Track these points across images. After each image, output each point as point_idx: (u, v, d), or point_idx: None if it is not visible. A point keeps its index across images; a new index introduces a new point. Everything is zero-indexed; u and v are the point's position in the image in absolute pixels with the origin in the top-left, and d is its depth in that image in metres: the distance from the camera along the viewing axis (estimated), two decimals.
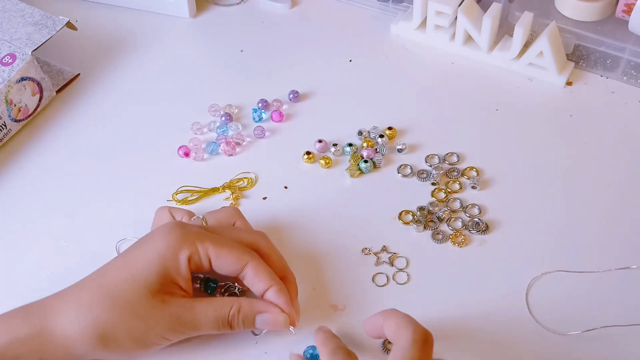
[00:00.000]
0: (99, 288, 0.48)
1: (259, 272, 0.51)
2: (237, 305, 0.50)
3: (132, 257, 0.49)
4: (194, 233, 0.50)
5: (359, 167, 0.64)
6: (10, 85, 0.65)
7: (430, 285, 0.57)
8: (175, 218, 0.56)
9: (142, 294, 0.48)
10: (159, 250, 0.49)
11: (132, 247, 0.51)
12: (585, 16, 0.71)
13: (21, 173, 0.66)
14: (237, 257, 0.51)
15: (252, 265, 0.51)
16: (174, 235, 0.49)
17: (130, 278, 0.48)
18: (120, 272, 0.49)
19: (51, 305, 0.48)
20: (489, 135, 0.68)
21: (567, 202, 0.62)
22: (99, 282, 0.49)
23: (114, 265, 0.50)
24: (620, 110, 0.70)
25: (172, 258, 0.49)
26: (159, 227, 0.51)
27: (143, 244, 0.50)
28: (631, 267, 0.57)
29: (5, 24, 0.69)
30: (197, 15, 0.81)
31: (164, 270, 0.49)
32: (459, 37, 0.74)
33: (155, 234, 0.51)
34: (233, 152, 0.67)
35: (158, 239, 0.50)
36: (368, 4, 0.81)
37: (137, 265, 0.49)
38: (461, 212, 0.62)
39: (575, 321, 0.54)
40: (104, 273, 0.49)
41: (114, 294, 0.48)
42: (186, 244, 0.49)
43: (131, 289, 0.48)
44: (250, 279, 0.51)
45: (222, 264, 0.51)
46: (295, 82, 0.73)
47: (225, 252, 0.50)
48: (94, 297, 0.48)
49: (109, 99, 0.72)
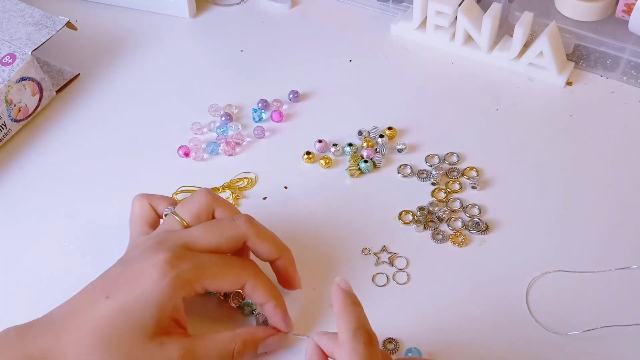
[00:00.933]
0: (95, 335, 0.47)
1: (257, 290, 0.51)
2: (240, 341, 0.50)
3: (125, 303, 0.47)
4: (187, 272, 0.48)
5: (359, 167, 0.64)
6: (10, 85, 0.65)
7: (430, 285, 0.57)
8: (156, 209, 0.54)
9: (140, 341, 0.47)
10: (154, 298, 0.47)
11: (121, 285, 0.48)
12: (585, 16, 0.71)
13: (21, 173, 0.66)
14: (233, 280, 0.50)
15: (250, 284, 0.51)
16: (167, 280, 0.47)
17: (126, 324, 0.47)
18: (116, 319, 0.47)
19: (48, 349, 0.47)
20: (489, 135, 0.68)
21: (567, 202, 0.62)
22: (93, 327, 0.47)
23: (107, 310, 0.47)
24: (620, 110, 0.70)
25: (167, 303, 0.47)
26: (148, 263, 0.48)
27: (134, 284, 0.48)
28: (631, 267, 0.57)
29: (5, 24, 0.69)
30: (197, 15, 0.81)
31: (160, 314, 0.47)
32: (459, 37, 0.74)
33: (145, 274, 0.48)
34: (233, 152, 0.67)
35: (149, 285, 0.47)
36: (368, 4, 0.81)
37: (131, 311, 0.47)
38: (461, 212, 0.62)
39: (575, 321, 0.54)
40: (97, 317, 0.47)
41: (112, 341, 0.46)
42: (180, 288, 0.48)
43: (128, 336, 0.47)
44: (248, 294, 0.52)
45: (219, 289, 0.51)
46: (295, 82, 0.73)
47: (221, 280, 0.50)
48: (93, 344, 0.46)
49: (109, 99, 0.72)
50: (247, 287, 0.51)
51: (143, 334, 0.47)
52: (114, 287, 0.48)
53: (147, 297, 0.47)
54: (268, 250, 0.53)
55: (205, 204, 0.53)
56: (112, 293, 0.48)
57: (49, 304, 0.56)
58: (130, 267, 0.49)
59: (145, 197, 0.55)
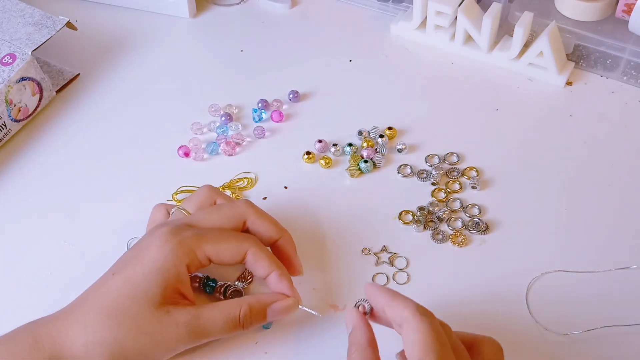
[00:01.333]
0: (102, 309, 0.47)
1: (259, 259, 0.51)
2: (246, 305, 0.50)
3: (131, 274, 0.48)
4: (189, 238, 0.50)
5: (359, 167, 0.65)
6: (10, 85, 0.65)
7: (430, 285, 0.57)
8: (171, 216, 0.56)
9: (146, 310, 0.47)
10: (157, 264, 0.48)
11: (128, 260, 0.50)
12: (585, 16, 0.71)
13: (21, 173, 0.66)
14: (235, 248, 0.51)
15: (252, 252, 0.51)
16: (169, 246, 0.49)
17: (132, 295, 0.48)
18: (122, 291, 0.48)
19: (57, 331, 0.47)
20: (489, 135, 0.68)
21: (567, 202, 0.62)
22: (101, 303, 0.48)
23: (113, 283, 0.49)
24: (620, 110, 0.70)
25: (171, 269, 0.48)
26: (152, 237, 0.50)
27: (139, 257, 0.49)
28: (631, 267, 0.57)
29: (5, 24, 0.69)
30: (197, 15, 0.81)
31: (165, 283, 0.48)
32: (459, 37, 0.74)
33: (150, 245, 0.50)
34: (233, 152, 0.67)
35: (154, 252, 0.49)
36: (368, 4, 0.81)
37: (136, 281, 0.48)
38: (461, 212, 0.62)
39: (575, 321, 0.54)
40: (105, 293, 0.48)
41: (118, 313, 0.47)
42: (183, 253, 0.49)
43: (134, 306, 0.47)
44: (251, 265, 0.52)
45: (222, 259, 0.51)
46: (295, 82, 0.73)
47: (223, 247, 0.50)
48: (99, 319, 0.47)
49: (109, 99, 0.72)
50: (249, 256, 0.51)
51: (149, 302, 0.48)
52: (121, 264, 0.50)
53: (151, 264, 0.48)
54: (268, 229, 0.53)
55: (207, 196, 0.55)
56: (119, 269, 0.49)
57: (49, 304, 0.56)
58: (136, 245, 0.51)
59: (163, 205, 0.57)
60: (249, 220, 0.53)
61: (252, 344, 0.53)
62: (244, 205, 0.53)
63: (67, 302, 0.56)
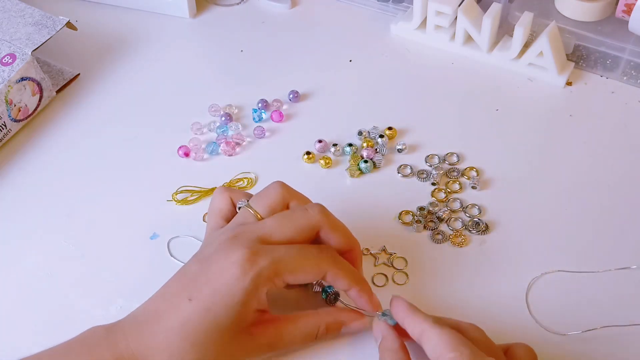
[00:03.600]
0: (186, 336, 0.47)
1: (338, 278, 0.51)
2: (324, 325, 0.51)
3: (211, 305, 0.47)
4: (266, 269, 0.48)
5: (359, 167, 0.64)
6: (10, 85, 0.65)
7: (429, 285, 0.57)
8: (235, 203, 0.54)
9: (231, 337, 0.48)
10: (237, 297, 0.47)
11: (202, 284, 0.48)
12: (585, 16, 0.71)
13: (21, 173, 0.66)
14: (313, 273, 0.50)
15: (331, 274, 0.51)
16: (248, 279, 0.47)
17: (216, 324, 0.47)
18: (203, 320, 0.47)
19: (137, 345, 0.47)
20: (489, 135, 0.68)
21: (567, 202, 0.62)
22: (181, 326, 0.47)
23: (193, 312, 0.47)
24: (620, 110, 0.70)
25: (252, 301, 0.48)
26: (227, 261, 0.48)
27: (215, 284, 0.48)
28: (631, 267, 0.57)
29: (5, 24, 0.69)
30: (197, 15, 0.81)
31: (246, 310, 0.48)
32: (459, 37, 0.74)
33: (225, 271, 0.48)
34: (233, 152, 0.67)
35: (232, 284, 0.47)
36: (368, 4, 0.81)
37: (219, 313, 0.47)
38: (461, 212, 0.62)
39: (575, 321, 0.54)
40: (185, 320, 0.47)
41: (203, 341, 0.47)
42: (262, 284, 0.48)
43: (219, 335, 0.47)
44: (330, 282, 0.52)
45: (300, 282, 0.51)
46: (295, 82, 0.73)
47: (301, 274, 0.50)
48: (184, 346, 0.47)
49: (109, 99, 0.72)
50: (328, 277, 0.51)
51: (231, 330, 0.48)
52: (195, 288, 0.48)
53: (231, 297, 0.47)
54: (340, 241, 0.53)
55: (279, 196, 0.53)
56: (194, 295, 0.48)
57: (48, 304, 0.56)
58: (209, 267, 0.49)
59: (226, 190, 0.55)
60: (322, 231, 0.52)
61: None
62: (319, 214, 0.52)
63: (67, 302, 0.56)
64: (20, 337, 0.52)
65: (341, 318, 0.52)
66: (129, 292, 0.51)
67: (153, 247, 0.59)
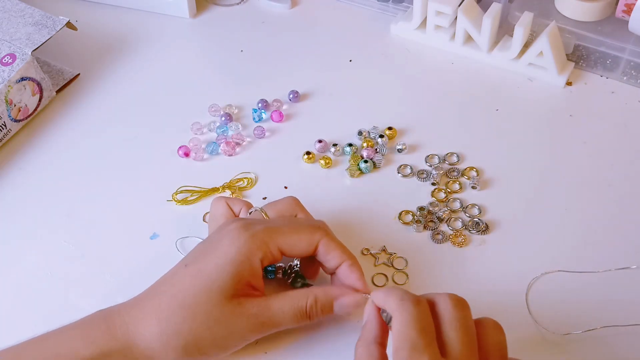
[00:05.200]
0: (175, 299, 0.48)
1: (331, 249, 0.51)
2: (313, 296, 0.50)
3: (204, 267, 0.49)
4: (261, 232, 0.50)
5: (359, 167, 0.64)
6: (10, 85, 0.65)
7: (429, 285, 0.57)
8: (233, 210, 0.56)
9: (220, 301, 0.48)
10: (231, 257, 0.49)
11: (199, 254, 0.50)
12: (585, 16, 0.71)
13: (21, 173, 0.66)
14: (307, 239, 0.51)
15: (323, 243, 0.51)
16: (242, 239, 0.49)
17: (206, 287, 0.48)
18: (195, 282, 0.48)
19: (131, 319, 0.48)
20: (489, 135, 0.68)
21: (567, 202, 0.62)
22: (173, 292, 0.48)
23: (186, 275, 0.49)
24: (620, 110, 0.70)
25: (244, 262, 0.49)
26: (224, 232, 0.50)
27: (211, 249, 0.50)
28: (631, 267, 0.57)
29: (5, 24, 0.69)
30: (197, 15, 0.81)
31: (238, 276, 0.49)
32: (459, 37, 0.74)
33: (222, 238, 0.50)
34: (233, 152, 0.67)
35: (227, 245, 0.49)
36: (368, 4, 0.81)
37: (210, 273, 0.48)
38: (461, 212, 0.62)
39: (575, 321, 0.54)
40: (177, 284, 0.49)
41: (192, 303, 0.48)
42: (257, 247, 0.49)
43: (208, 297, 0.48)
44: (322, 256, 0.52)
45: (293, 251, 0.51)
46: (295, 82, 0.73)
47: (295, 239, 0.51)
48: (173, 308, 0.48)
49: (109, 99, 0.72)
50: (320, 247, 0.51)
51: (222, 294, 0.48)
52: (193, 257, 0.51)
53: (224, 257, 0.49)
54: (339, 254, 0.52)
55: (289, 206, 0.55)
56: (191, 262, 0.50)
57: (48, 304, 0.56)
58: (208, 239, 0.51)
59: (223, 199, 0.57)
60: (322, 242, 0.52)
61: (252, 344, 0.53)
62: (321, 230, 0.52)
63: (67, 302, 0.56)
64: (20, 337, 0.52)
65: (331, 291, 0.51)
66: (129, 292, 0.51)
67: (153, 247, 0.59)
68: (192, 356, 0.48)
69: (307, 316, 0.50)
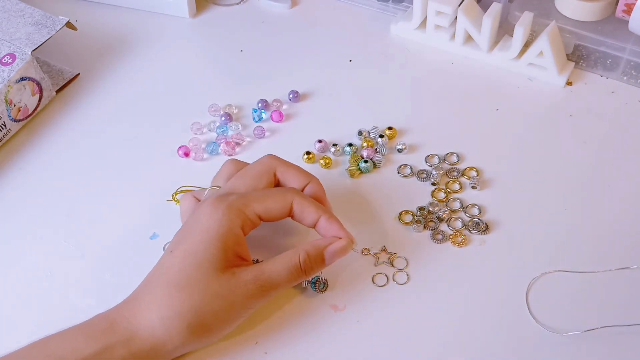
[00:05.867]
0: (169, 284, 0.49)
1: (305, 207, 0.53)
2: (303, 251, 0.52)
3: (189, 246, 0.50)
4: (235, 201, 0.51)
5: (359, 167, 0.64)
6: (10, 85, 0.65)
7: (430, 285, 0.57)
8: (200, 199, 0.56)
9: (213, 275, 0.49)
10: (214, 231, 0.50)
11: (181, 237, 0.51)
12: (585, 16, 0.71)
13: (21, 173, 0.66)
14: (281, 201, 0.52)
15: (297, 202, 0.53)
16: (220, 212, 0.50)
17: (196, 264, 0.49)
18: (184, 263, 0.49)
19: (131, 312, 0.49)
20: (489, 135, 0.68)
21: (567, 202, 0.62)
22: (166, 279, 0.49)
23: (174, 258, 0.50)
24: (620, 110, 0.70)
25: (227, 233, 0.50)
26: (199, 211, 0.51)
27: (192, 230, 0.51)
28: (631, 267, 0.57)
29: (5, 24, 0.69)
30: (197, 15, 0.81)
31: (225, 247, 0.50)
32: (459, 37, 0.74)
33: (200, 217, 0.51)
34: (233, 152, 0.67)
35: (206, 221, 0.50)
36: (368, 4, 0.81)
37: (197, 251, 0.49)
38: (461, 212, 0.62)
39: (575, 321, 0.54)
40: (168, 268, 0.50)
41: (187, 283, 0.48)
42: (235, 215, 0.50)
43: (201, 274, 0.49)
44: (298, 215, 0.53)
45: (271, 214, 0.52)
46: (295, 82, 0.73)
47: (270, 202, 0.52)
48: (170, 293, 0.48)
49: (109, 98, 0.72)
50: (295, 206, 0.53)
51: (214, 268, 0.49)
52: (175, 243, 0.51)
53: (207, 233, 0.50)
54: (297, 176, 0.55)
55: (232, 168, 0.57)
56: (175, 246, 0.51)
57: (48, 304, 0.56)
58: (185, 224, 0.53)
59: (188, 193, 0.58)
60: (278, 170, 0.55)
61: (252, 344, 0.53)
62: (270, 159, 0.56)
63: (68, 302, 0.56)
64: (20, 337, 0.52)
65: (319, 243, 0.53)
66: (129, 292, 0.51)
67: (153, 247, 0.59)
68: (198, 335, 0.49)
69: (302, 271, 0.52)
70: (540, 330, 0.54)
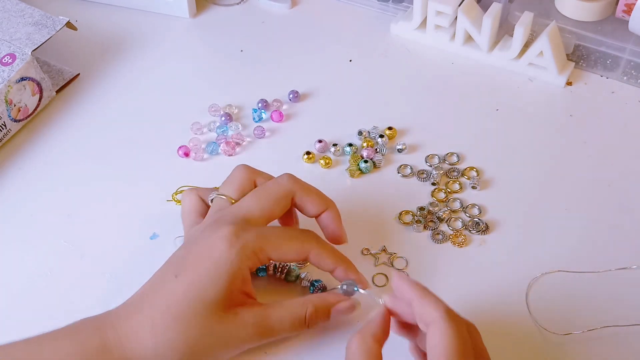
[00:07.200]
0: (169, 311, 0.47)
1: (322, 258, 0.52)
2: (311, 305, 0.50)
3: (196, 278, 0.48)
4: (252, 242, 0.49)
5: (359, 167, 0.64)
6: (10, 85, 0.65)
7: (429, 285, 0.56)
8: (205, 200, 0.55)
9: (215, 313, 0.47)
10: (223, 268, 0.48)
11: (189, 262, 0.49)
12: (585, 16, 0.71)
13: (21, 173, 0.66)
14: (297, 249, 0.51)
15: (314, 253, 0.51)
16: (234, 251, 0.48)
17: (200, 298, 0.47)
18: (188, 294, 0.47)
19: (124, 333, 0.47)
20: (489, 135, 0.68)
21: (567, 202, 0.62)
22: (166, 304, 0.47)
23: (178, 286, 0.48)
24: (620, 110, 0.70)
25: (237, 273, 0.48)
26: (214, 238, 0.49)
27: (202, 258, 0.48)
28: (631, 267, 0.57)
29: (5, 24, 0.69)
30: (197, 15, 0.81)
31: (232, 287, 0.48)
32: (459, 37, 0.74)
33: (213, 248, 0.49)
34: (233, 152, 0.67)
35: (218, 256, 0.48)
36: (368, 4, 0.81)
37: (203, 285, 0.47)
38: (461, 212, 0.62)
39: (575, 321, 0.54)
40: (169, 295, 0.48)
41: (187, 316, 0.47)
42: (247, 257, 0.49)
43: (203, 309, 0.47)
44: (315, 262, 0.52)
45: (283, 259, 0.51)
46: (295, 82, 0.73)
47: (286, 249, 0.51)
48: (168, 321, 0.47)
49: (109, 99, 0.72)
50: (311, 255, 0.51)
51: (217, 306, 0.47)
52: (182, 266, 0.49)
53: (216, 269, 0.48)
54: (315, 202, 0.53)
55: (245, 177, 0.54)
56: (181, 271, 0.48)
57: (48, 304, 0.56)
58: (196, 246, 0.50)
59: (193, 190, 0.56)
60: (297, 196, 0.53)
61: None
62: (289, 182, 0.53)
63: (68, 302, 0.56)
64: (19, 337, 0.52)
65: (329, 298, 0.51)
66: (129, 292, 0.51)
67: (153, 247, 0.59)
68: None
69: (305, 325, 0.50)
70: (541, 331, 0.54)
